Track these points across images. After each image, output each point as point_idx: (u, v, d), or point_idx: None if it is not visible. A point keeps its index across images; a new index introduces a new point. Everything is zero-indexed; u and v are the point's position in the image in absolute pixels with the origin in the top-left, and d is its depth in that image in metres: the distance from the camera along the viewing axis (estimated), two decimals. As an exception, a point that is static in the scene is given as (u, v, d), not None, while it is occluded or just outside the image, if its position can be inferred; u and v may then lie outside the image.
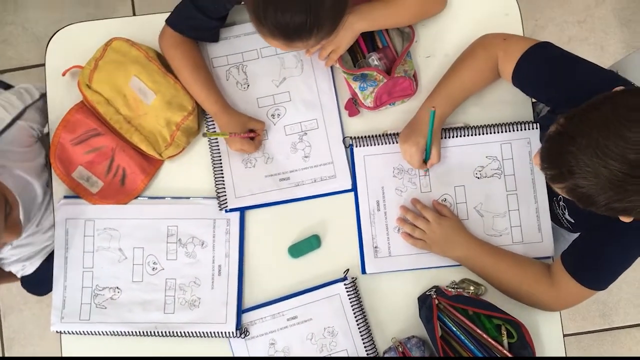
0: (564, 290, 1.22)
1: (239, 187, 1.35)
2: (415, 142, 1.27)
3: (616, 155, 0.87)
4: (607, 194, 0.91)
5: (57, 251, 1.36)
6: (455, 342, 1.27)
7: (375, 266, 1.33)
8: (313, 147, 1.35)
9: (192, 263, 1.33)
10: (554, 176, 0.97)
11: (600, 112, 0.91)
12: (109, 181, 1.36)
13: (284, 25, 1.04)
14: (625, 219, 1.00)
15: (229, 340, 1.32)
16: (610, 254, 1.17)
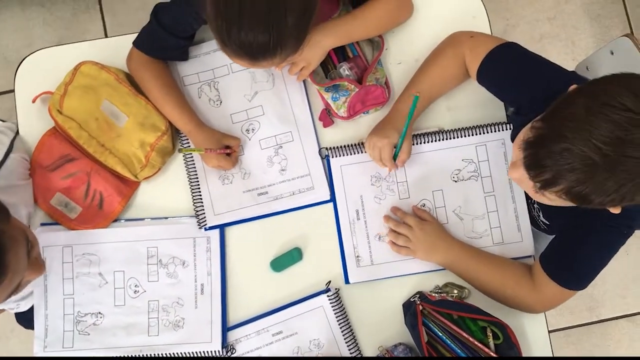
0: (545, 292, 1.22)
1: (217, 204, 1.34)
2: (384, 135, 1.27)
3: (607, 138, 0.87)
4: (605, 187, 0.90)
5: (36, 281, 1.34)
6: (441, 346, 1.27)
7: (359, 275, 1.33)
8: (289, 160, 1.35)
9: (174, 283, 1.32)
10: (547, 181, 0.94)
11: (575, 105, 0.91)
12: (87, 206, 1.35)
13: (247, 45, 1.05)
14: (614, 210, 0.99)
15: (209, 355, 1.31)
16: (587, 253, 1.17)
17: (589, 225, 1.13)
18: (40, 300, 1.33)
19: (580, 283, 1.20)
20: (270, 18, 1.02)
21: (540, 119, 0.96)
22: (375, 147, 1.28)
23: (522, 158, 0.98)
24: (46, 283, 1.34)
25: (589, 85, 0.94)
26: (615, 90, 0.89)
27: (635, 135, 0.86)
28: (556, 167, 0.92)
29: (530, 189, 1.01)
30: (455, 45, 1.29)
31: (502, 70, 1.23)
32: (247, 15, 1.01)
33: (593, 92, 0.91)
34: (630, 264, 2.31)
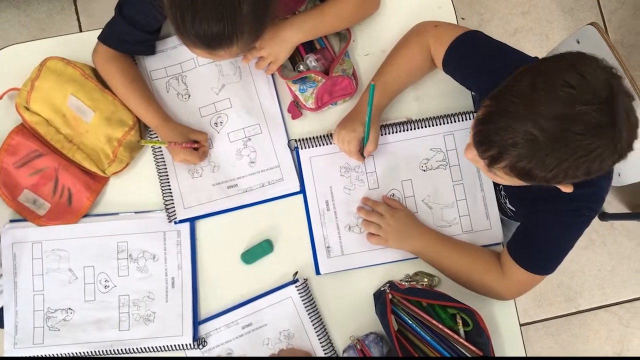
0: (514, 279, 1.23)
1: (187, 197, 1.34)
2: (352, 128, 1.27)
3: (549, 116, 0.88)
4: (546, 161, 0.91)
5: (5, 276, 1.33)
6: (412, 335, 1.27)
7: (329, 266, 1.33)
8: (258, 152, 1.35)
9: (145, 278, 1.32)
10: (493, 157, 0.96)
11: (520, 84, 0.93)
12: (55, 202, 1.34)
13: (202, 34, 1.05)
14: (565, 189, 1.01)
15: (185, 354, 1.31)
16: (551, 238, 1.18)
17: (551, 209, 1.14)
18: (10, 297, 1.32)
19: (547, 268, 1.21)
20: (223, 7, 1.02)
21: (489, 97, 0.97)
22: (344, 141, 1.29)
23: (472, 136, 0.99)
24: (16, 280, 1.33)
25: (536, 64, 0.96)
26: (560, 67, 0.90)
27: (576, 111, 0.87)
28: (500, 143, 0.93)
29: (483, 167, 1.02)
30: (420, 35, 1.30)
31: (466, 58, 1.24)
32: (200, 4, 1.01)
33: (538, 69, 0.93)
34: (608, 255, 2.33)
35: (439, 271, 1.31)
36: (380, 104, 1.29)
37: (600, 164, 0.92)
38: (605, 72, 0.90)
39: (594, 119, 0.88)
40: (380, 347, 1.27)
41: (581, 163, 0.91)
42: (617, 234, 2.34)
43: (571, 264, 2.33)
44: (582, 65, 0.89)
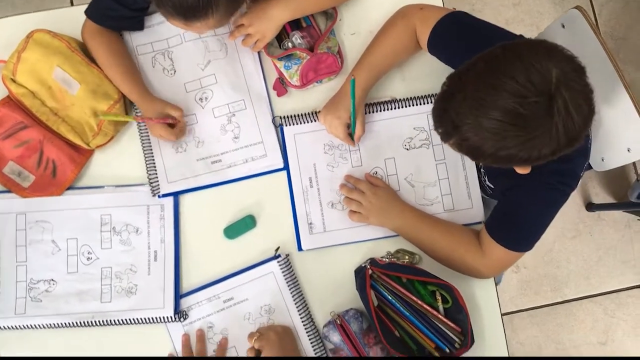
0: (492, 256, 1.24)
1: (171, 172, 1.35)
2: (337, 115, 1.29)
3: (491, 105, 0.91)
4: (489, 144, 0.94)
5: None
6: (391, 310, 1.28)
7: (311, 242, 1.34)
8: (242, 128, 1.36)
9: (128, 250, 1.33)
10: (442, 134, 1.01)
11: (475, 67, 0.96)
12: (40, 174, 1.35)
13: (178, 5, 1.07)
14: (521, 170, 1.03)
15: (166, 327, 1.32)
16: (528, 214, 1.19)
17: (528, 185, 1.16)
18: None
19: (525, 244, 1.22)
20: None
21: (448, 77, 1.00)
22: (331, 126, 1.32)
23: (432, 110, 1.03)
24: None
25: (492, 50, 0.97)
26: (510, 58, 0.92)
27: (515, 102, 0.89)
28: (448, 123, 0.97)
29: None
30: (406, 17, 1.31)
31: (451, 38, 1.25)
32: None
33: (492, 57, 0.95)
34: (594, 246, 2.35)
35: (419, 249, 1.32)
36: (367, 84, 1.30)
37: (538, 152, 0.95)
38: (560, 64, 0.91)
39: (530, 111, 0.90)
40: (360, 323, 1.28)
41: (518, 151, 0.94)
42: (603, 225, 2.36)
43: (558, 254, 2.34)
44: (533, 56, 0.91)
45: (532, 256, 2.33)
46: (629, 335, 2.31)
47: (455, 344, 1.25)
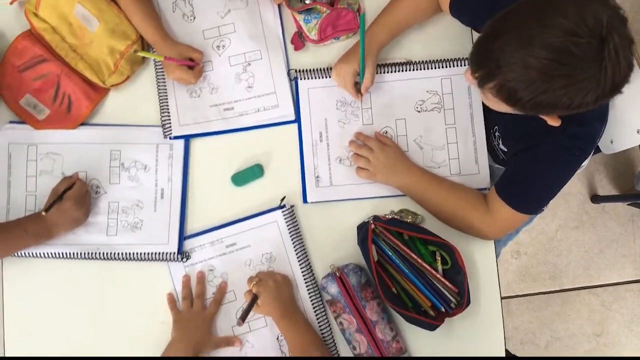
0: (499, 217, 1.25)
1: (183, 115, 1.36)
2: (347, 60, 1.30)
3: (541, 43, 0.90)
4: (533, 86, 0.93)
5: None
6: (391, 267, 1.30)
7: (317, 195, 1.35)
8: (256, 78, 1.37)
9: (135, 187, 1.35)
10: (483, 77, 0.99)
11: (522, 8, 0.95)
12: (55, 108, 1.37)
13: None
14: (552, 121, 1.03)
15: (168, 266, 1.33)
16: (539, 176, 1.20)
17: (543, 147, 1.16)
18: (3, 195, 1.35)
19: (532, 207, 1.23)
20: None
21: (491, 19, 0.99)
22: (339, 74, 1.32)
23: (469, 55, 1.01)
24: (9, 179, 1.35)
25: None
26: None
27: (566, 42, 0.89)
28: (491, 64, 0.96)
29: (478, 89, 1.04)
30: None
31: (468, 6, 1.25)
32: None
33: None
34: (596, 238, 2.35)
35: (424, 209, 1.33)
36: (381, 40, 1.31)
37: (583, 97, 0.93)
38: (608, 10, 0.91)
39: (581, 51, 0.89)
40: (359, 277, 1.30)
41: (562, 95, 0.93)
42: (607, 218, 2.36)
43: (559, 243, 2.35)
44: None
45: (532, 243, 2.34)
46: (623, 329, 2.32)
47: (451, 303, 1.27)
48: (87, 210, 1.31)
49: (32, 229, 1.26)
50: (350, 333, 1.28)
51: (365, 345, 1.27)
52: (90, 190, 1.33)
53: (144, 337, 1.31)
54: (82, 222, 1.31)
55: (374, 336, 1.27)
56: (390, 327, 1.29)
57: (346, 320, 1.28)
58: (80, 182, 1.31)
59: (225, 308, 1.32)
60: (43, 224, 1.26)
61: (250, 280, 1.26)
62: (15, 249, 1.29)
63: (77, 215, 1.28)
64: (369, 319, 1.28)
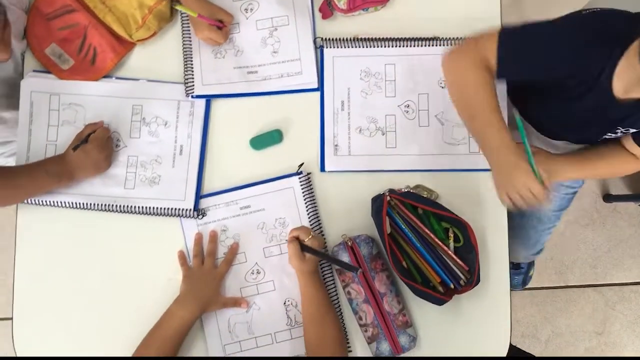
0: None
1: (206, 75, 1.37)
2: (522, 171, 1.17)
3: None
4: None
5: (21, 124, 1.36)
6: (403, 240, 1.30)
7: (335, 164, 1.35)
8: (282, 43, 1.37)
9: (155, 142, 1.35)
10: None
11: None
12: (80, 59, 1.37)
13: None
14: None
15: (181, 223, 1.34)
16: None
17: None
18: (24, 144, 1.36)
19: None
20: None
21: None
22: (523, 188, 1.17)
23: None
24: (31, 127, 1.36)
25: None
26: None
27: None
28: None
29: None
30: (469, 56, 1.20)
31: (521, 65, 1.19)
32: None
33: None
34: (606, 237, 2.34)
35: None
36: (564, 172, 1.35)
37: None
38: None
39: None
40: (370, 248, 1.30)
41: None
42: (618, 218, 2.35)
43: (568, 240, 2.34)
44: None
45: (542, 238, 2.33)
46: (626, 329, 2.31)
47: (460, 280, 1.27)
48: (109, 156, 1.32)
49: (53, 170, 1.27)
50: (358, 303, 1.29)
51: (371, 316, 1.27)
52: (112, 137, 1.33)
53: (151, 292, 1.31)
54: (103, 169, 1.31)
55: (381, 308, 1.27)
56: (397, 300, 1.29)
57: (354, 290, 1.28)
58: (104, 127, 1.31)
59: (235, 269, 1.32)
60: (65, 165, 1.27)
61: (307, 232, 1.24)
62: (36, 191, 1.30)
63: (99, 159, 1.28)
64: (377, 290, 1.28)
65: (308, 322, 1.25)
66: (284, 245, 1.32)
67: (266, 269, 1.32)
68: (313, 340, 1.24)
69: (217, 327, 1.29)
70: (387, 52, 1.37)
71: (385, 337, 1.26)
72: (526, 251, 1.73)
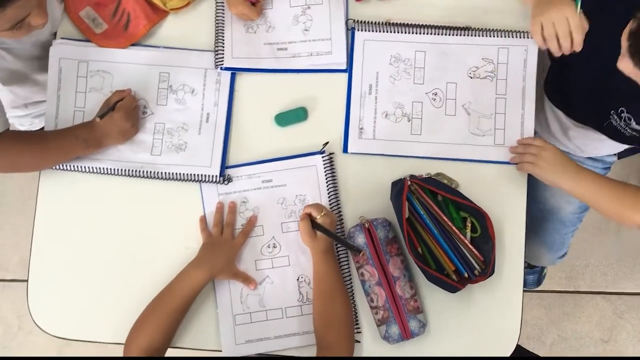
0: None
1: (237, 48, 1.37)
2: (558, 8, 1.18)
3: None
4: None
5: (50, 90, 1.38)
6: (420, 226, 1.30)
7: (358, 146, 1.36)
8: (314, 22, 1.38)
9: (181, 109, 1.36)
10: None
11: None
12: (113, 25, 1.38)
13: None
14: None
15: (201, 192, 1.35)
16: None
17: None
18: (52, 109, 1.37)
19: None
20: None
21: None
22: (561, 18, 1.18)
23: (627, 47, 1.01)
24: (59, 94, 1.37)
25: None
26: None
27: None
28: None
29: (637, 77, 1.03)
30: None
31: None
32: None
33: None
34: (619, 245, 2.33)
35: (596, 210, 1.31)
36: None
37: None
38: None
39: None
40: (387, 232, 1.30)
41: None
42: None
43: (581, 245, 2.33)
44: None
45: (555, 241, 2.32)
46: (632, 338, 2.30)
47: (475, 270, 1.27)
48: (136, 123, 1.33)
49: (82, 136, 1.28)
50: (370, 285, 1.29)
51: (383, 298, 1.28)
52: (139, 105, 1.34)
53: (166, 258, 1.32)
54: (130, 135, 1.32)
55: (393, 291, 1.28)
56: (410, 285, 1.30)
57: (368, 272, 1.29)
58: (131, 96, 1.33)
59: (252, 241, 1.33)
60: (93, 132, 1.29)
61: (319, 209, 1.26)
62: (65, 157, 1.31)
63: (126, 126, 1.30)
64: (390, 273, 1.28)
65: (317, 299, 1.26)
66: (302, 220, 1.32)
67: (282, 243, 1.32)
68: (320, 317, 1.25)
69: (230, 296, 1.31)
70: (419, 39, 1.37)
71: (396, 320, 1.27)
72: (551, 254, 1.72)
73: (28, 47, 1.36)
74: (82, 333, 1.35)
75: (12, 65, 1.35)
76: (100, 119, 1.28)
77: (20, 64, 1.37)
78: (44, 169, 1.35)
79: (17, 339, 2.27)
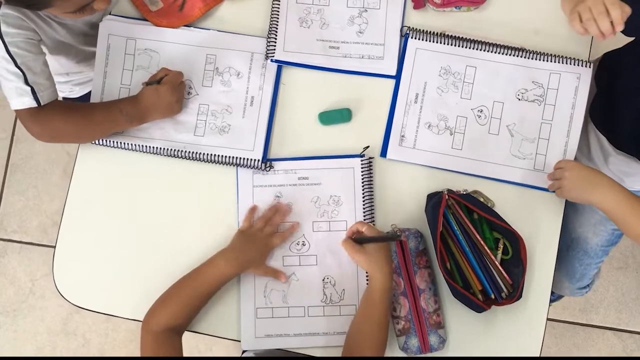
0: None
1: (289, 41, 1.37)
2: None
3: None
4: None
5: (97, 65, 1.38)
6: (451, 240, 1.29)
7: (397, 154, 1.35)
8: (369, 25, 1.37)
9: (226, 92, 1.36)
10: None
11: None
12: (169, 4, 1.39)
13: None
14: None
15: (236, 180, 1.35)
16: None
17: None
18: (98, 85, 1.38)
19: None
20: None
21: None
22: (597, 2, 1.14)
23: None
24: (106, 70, 1.38)
25: None
26: None
27: None
28: None
29: None
30: None
31: None
32: None
33: None
34: (637, 283, 2.31)
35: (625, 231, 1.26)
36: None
37: None
38: None
39: None
40: (418, 243, 1.30)
41: None
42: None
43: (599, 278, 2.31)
44: None
45: (572, 272, 2.30)
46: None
47: (502, 293, 1.26)
48: (180, 99, 1.33)
49: (127, 109, 1.28)
50: (395, 295, 1.29)
51: (406, 309, 1.27)
52: (185, 83, 1.34)
53: (195, 243, 1.33)
54: (174, 111, 1.32)
55: (417, 303, 1.27)
56: (434, 299, 1.29)
57: (394, 281, 1.28)
58: (178, 71, 1.33)
59: (282, 236, 1.33)
60: (138, 105, 1.29)
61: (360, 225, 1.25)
62: (110, 128, 1.32)
63: (171, 101, 1.29)
64: (416, 285, 1.28)
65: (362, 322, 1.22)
66: (334, 222, 1.32)
67: (312, 242, 1.32)
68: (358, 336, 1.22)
69: (254, 289, 1.30)
70: (471, 54, 1.36)
71: (416, 333, 1.26)
72: (571, 284, 1.70)
73: (80, 24, 1.37)
74: (100, 305, 1.36)
75: (63, 38, 1.36)
76: (147, 85, 1.29)
77: (70, 37, 1.38)
78: (85, 141, 1.35)
79: (27, 301, 2.29)
